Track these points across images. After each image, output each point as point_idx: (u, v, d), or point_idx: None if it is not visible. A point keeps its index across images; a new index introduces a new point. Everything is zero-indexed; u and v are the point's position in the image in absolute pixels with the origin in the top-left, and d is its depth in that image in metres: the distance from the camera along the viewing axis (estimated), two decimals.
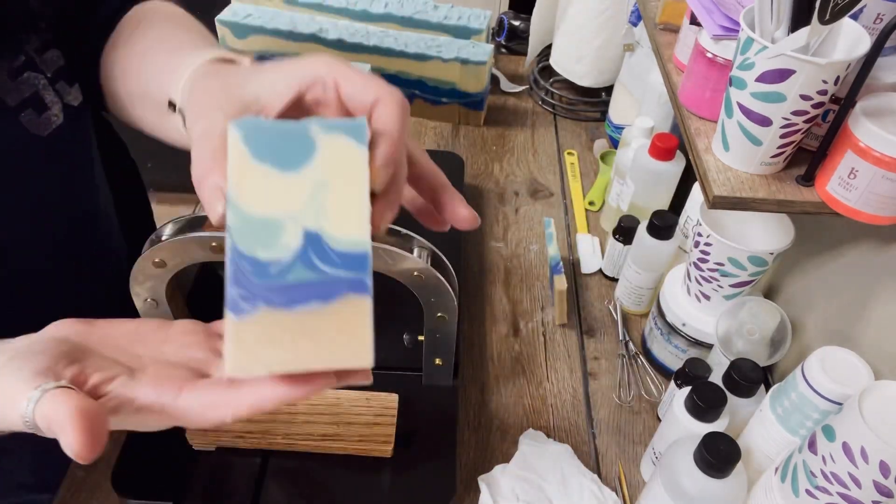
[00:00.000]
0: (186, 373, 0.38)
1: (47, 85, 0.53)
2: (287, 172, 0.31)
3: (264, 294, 0.30)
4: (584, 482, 0.63)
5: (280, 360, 0.30)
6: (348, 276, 0.30)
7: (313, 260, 0.30)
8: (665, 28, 0.72)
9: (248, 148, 0.31)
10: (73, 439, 0.31)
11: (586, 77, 1.13)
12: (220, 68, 0.42)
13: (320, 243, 0.30)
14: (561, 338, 0.81)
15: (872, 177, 0.48)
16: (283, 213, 0.31)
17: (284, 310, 0.30)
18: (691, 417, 0.57)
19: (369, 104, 0.36)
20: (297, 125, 0.33)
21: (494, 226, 0.95)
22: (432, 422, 0.65)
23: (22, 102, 0.51)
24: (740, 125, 0.52)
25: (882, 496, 0.43)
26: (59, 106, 0.54)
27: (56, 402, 0.32)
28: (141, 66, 0.51)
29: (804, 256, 0.71)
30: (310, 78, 0.37)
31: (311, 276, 0.30)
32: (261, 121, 0.33)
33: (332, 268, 0.30)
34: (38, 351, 0.35)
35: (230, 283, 0.30)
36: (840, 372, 0.52)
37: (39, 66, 0.52)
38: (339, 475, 0.61)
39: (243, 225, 0.31)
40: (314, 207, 0.31)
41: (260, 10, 1.03)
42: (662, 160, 0.81)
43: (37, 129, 0.52)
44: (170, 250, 0.53)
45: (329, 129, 0.32)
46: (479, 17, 1.06)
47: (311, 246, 0.30)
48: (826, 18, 0.44)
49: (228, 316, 0.30)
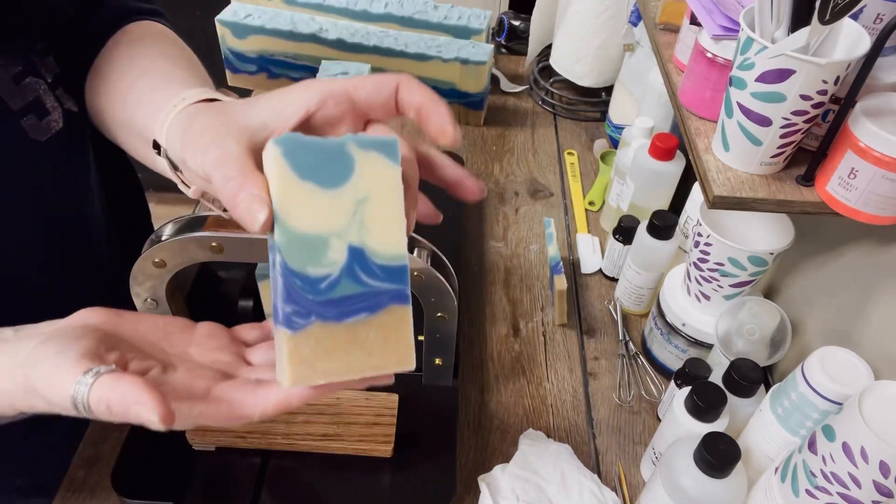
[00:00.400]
0: (214, 374, 0.39)
1: (48, 90, 0.53)
2: (330, 190, 0.33)
3: (316, 309, 0.32)
4: (584, 482, 0.63)
5: (335, 369, 0.33)
6: (391, 287, 0.33)
7: (358, 274, 0.33)
8: (665, 28, 0.72)
9: (289, 165, 0.33)
10: (155, 408, 0.32)
11: (586, 77, 1.13)
12: (209, 107, 0.41)
13: (364, 257, 0.33)
14: (561, 338, 0.81)
15: (872, 177, 0.48)
16: (328, 230, 0.33)
17: (335, 322, 0.32)
18: (691, 417, 0.57)
19: (389, 96, 0.37)
20: (335, 142, 0.34)
21: (494, 226, 0.95)
22: (432, 422, 0.65)
23: (25, 107, 0.51)
24: (740, 125, 0.52)
25: (882, 496, 0.43)
26: (60, 111, 0.54)
27: (117, 384, 0.33)
28: (127, 96, 0.50)
29: (804, 256, 0.71)
30: (318, 97, 0.37)
31: (357, 290, 0.33)
32: (300, 137, 0.34)
33: (376, 280, 0.33)
34: (78, 336, 0.36)
35: (283, 300, 0.32)
36: (840, 372, 0.52)
37: (41, 71, 0.52)
38: (339, 475, 0.61)
39: (291, 242, 0.32)
40: (356, 224, 0.33)
41: (260, 10, 1.03)
42: (662, 160, 0.81)
43: (36, 135, 0.52)
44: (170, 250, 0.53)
45: (364, 146, 0.34)
46: (479, 17, 1.06)
47: (356, 260, 0.33)
48: (826, 18, 0.44)
49: (282, 331, 0.32)
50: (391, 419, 0.62)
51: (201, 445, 0.61)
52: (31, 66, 0.51)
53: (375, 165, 0.34)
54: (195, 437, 0.61)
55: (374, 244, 0.33)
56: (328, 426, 0.62)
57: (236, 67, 1.06)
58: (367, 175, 0.34)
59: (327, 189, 0.33)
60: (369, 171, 0.34)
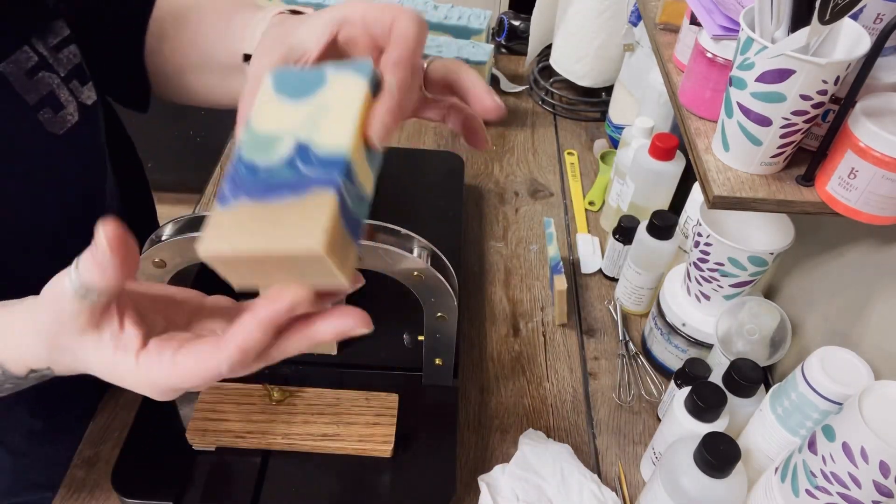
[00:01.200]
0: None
1: (61, 84, 0.53)
2: (297, 100, 0.36)
3: (248, 189, 0.34)
4: (584, 482, 0.63)
5: (245, 241, 0.33)
6: (322, 175, 0.33)
7: (297, 164, 0.34)
8: (665, 28, 0.72)
9: (272, 86, 0.37)
10: (104, 245, 0.32)
11: (586, 77, 1.13)
12: (286, 18, 0.47)
13: (307, 151, 0.34)
14: (561, 338, 0.81)
15: (872, 177, 0.48)
16: (284, 130, 0.35)
17: (261, 201, 0.33)
18: (691, 417, 0.57)
19: (389, 24, 0.39)
20: (317, 68, 0.37)
21: (494, 226, 0.95)
22: (432, 422, 0.65)
23: (40, 101, 0.52)
24: (740, 125, 0.52)
25: (882, 496, 0.43)
26: (75, 105, 0.54)
27: (91, 247, 0.33)
28: (197, 34, 0.57)
29: (804, 256, 0.71)
30: (339, 19, 0.41)
31: (291, 176, 0.34)
32: (292, 68, 0.40)
33: (309, 169, 0.34)
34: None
35: (225, 181, 0.34)
36: (840, 372, 0.52)
37: (53, 65, 0.53)
38: (339, 475, 0.61)
39: (250, 139, 0.35)
40: (310, 125, 0.35)
41: None
42: (662, 160, 0.81)
43: (53, 128, 0.53)
44: (170, 250, 0.53)
45: (340, 68, 0.37)
46: (479, 17, 1.06)
47: (300, 153, 0.34)
48: (826, 18, 0.44)
49: (215, 206, 0.34)
50: (391, 419, 0.63)
51: (201, 445, 0.61)
52: (43, 61, 0.52)
53: (345, 81, 0.36)
54: (195, 437, 0.61)
55: (320, 140, 0.35)
56: (328, 426, 0.62)
57: None
58: (336, 88, 0.36)
59: (295, 100, 0.36)
60: (338, 86, 0.36)
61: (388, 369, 0.69)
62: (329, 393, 0.64)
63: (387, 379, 0.67)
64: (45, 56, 0.52)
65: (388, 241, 0.53)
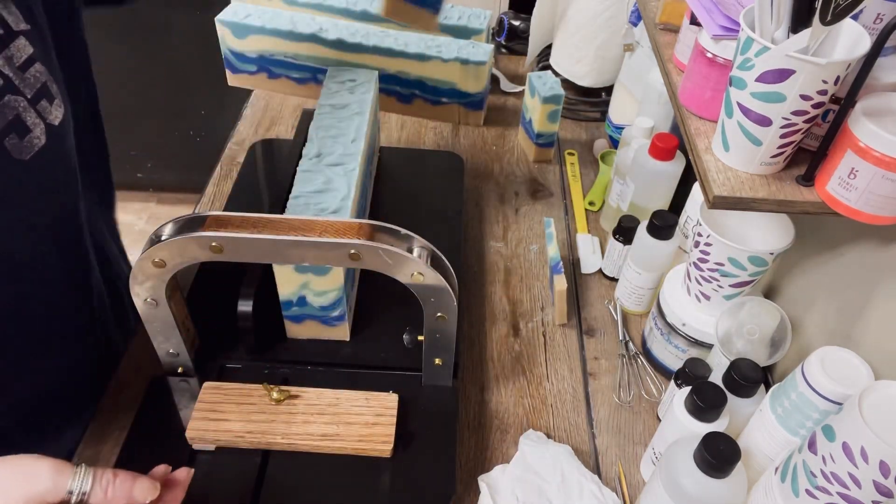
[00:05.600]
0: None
1: (28, 107, 0.52)
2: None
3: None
4: (584, 482, 0.63)
5: None
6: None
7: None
8: (665, 28, 0.72)
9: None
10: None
11: (586, 77, 1.13)
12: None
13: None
14: (561, 338, 0.81)
15: (872, 177, 0.48)
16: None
17: None
18: (691, 417, 0.57)
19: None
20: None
21: (494, 226, 0.95)
22: (432, 422, 0.65)
23: (6, 127, 0.50)
24: (740, 125, 0.52)
25: (882, 496, 0.43)
26: (42, 127, 0.53)
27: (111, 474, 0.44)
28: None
29: (804, 256, 0.71)
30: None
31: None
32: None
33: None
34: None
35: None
36: (840, 372, 0.52)
37: (19, 87, 0.51)
38: (339, 475, 0.61)
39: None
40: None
41: (260, 10, 1.03)
42: (662, 160, 0.81)
43: (20, 154, 0.52)
44: (170, 250, 0.53)
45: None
46: (479, 17, 1.06)
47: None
48: (827, 20, 0.44)
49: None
50: (391, 419, 0.63)
51: (201, 445, 0.61)
52: (9, 84, 0.50)
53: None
54: (195, 436, 0.61)
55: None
56: (328, 426, 0.62)
57: (236, 67, 1.06)
58: None
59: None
60: None
61: (387, 369, 0.69)
62: (329, 393, 0.64)
63: (386, 379, 0.67)
64: (10, 78, 0.51)
65: (388, 241, 0.53)
